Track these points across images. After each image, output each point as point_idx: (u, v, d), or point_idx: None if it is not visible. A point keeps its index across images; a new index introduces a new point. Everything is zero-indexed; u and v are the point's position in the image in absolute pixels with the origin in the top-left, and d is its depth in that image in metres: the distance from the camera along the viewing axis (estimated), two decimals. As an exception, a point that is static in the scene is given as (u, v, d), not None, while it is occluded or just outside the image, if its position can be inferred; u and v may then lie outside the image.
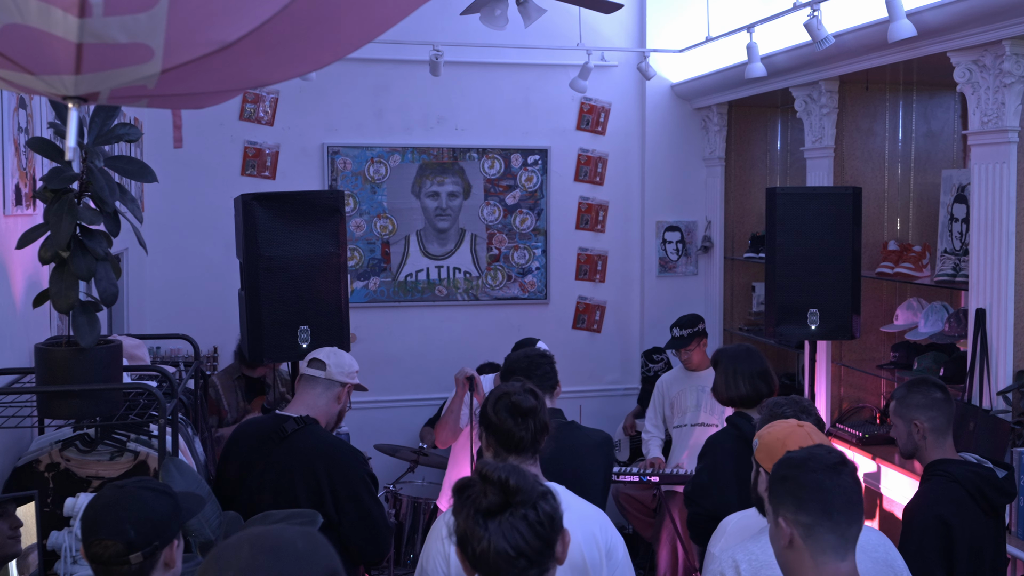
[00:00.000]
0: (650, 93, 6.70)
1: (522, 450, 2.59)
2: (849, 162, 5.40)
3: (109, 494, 2.05)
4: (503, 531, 1.71)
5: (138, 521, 1.99)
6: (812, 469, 2.03)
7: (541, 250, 6.71)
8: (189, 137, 5.62)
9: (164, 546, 2.02)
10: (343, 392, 3.47)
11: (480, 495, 1.73)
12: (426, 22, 5.71)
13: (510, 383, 2.73)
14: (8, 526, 2.27)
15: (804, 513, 2.01)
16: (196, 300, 6.10)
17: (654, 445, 5.66)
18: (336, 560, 1.38)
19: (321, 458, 3.28)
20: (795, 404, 3.06)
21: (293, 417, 3.35)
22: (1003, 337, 4.04)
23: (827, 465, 2.04)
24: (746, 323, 6.64)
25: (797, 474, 2.04)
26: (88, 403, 2.44)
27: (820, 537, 1.99)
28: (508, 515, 1.72)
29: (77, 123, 1.57)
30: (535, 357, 3.61)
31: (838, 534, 2.00)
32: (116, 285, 2.44)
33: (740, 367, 3.97)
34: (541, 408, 2.63)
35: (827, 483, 2.01)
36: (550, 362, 3.62)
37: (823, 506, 1.99)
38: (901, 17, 4.02)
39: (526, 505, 1.73)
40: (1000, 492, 3.06)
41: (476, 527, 1.72)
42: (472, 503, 1.74)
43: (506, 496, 1.72)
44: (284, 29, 1.36)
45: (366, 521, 3.32)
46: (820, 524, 1.99)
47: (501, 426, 2.60)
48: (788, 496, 2.04)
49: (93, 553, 1.99)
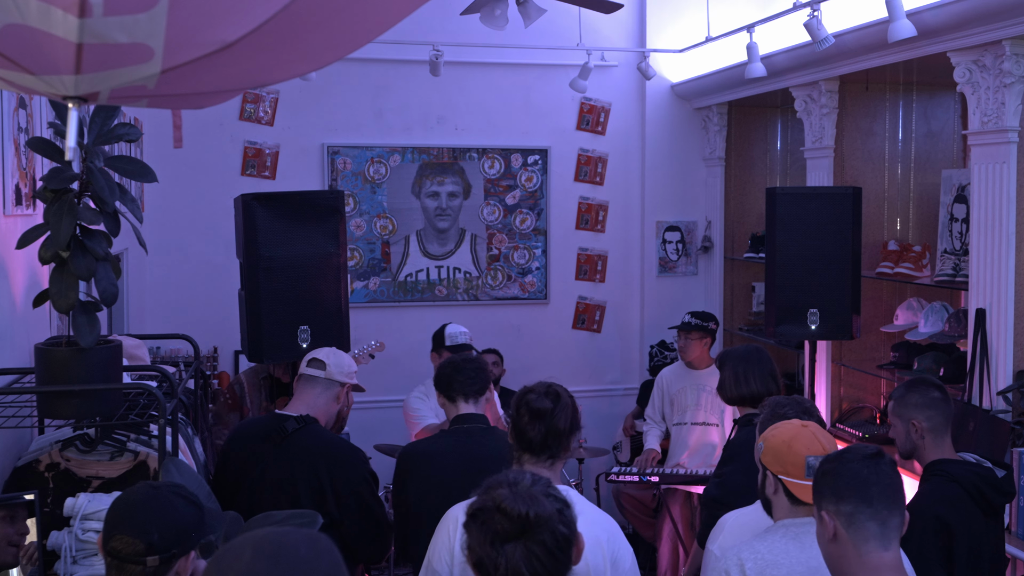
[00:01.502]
0: (650, 93, 6.70)
1: (534, 451, 2.59)
2: (849, 162, 5.40)
3: (142, 492, 2.05)
4: (519, 555, 1.72)
5: (163, 525, 1.98)
6: (849, 460, 2.08)
7: (541, 250, 6.71)
8: (189, 137, 5.62)
9: (181, 555, 2.01)
10: (342, 392, 3.47)
11: (498, 522, 1.73)
12: (426, 22, 5.71)
13: (540, 382, 2.71)
14: (15, 532, 2.27)
15: (844, 503, 2.04)
16: (196, 300, 6.10)
17: (652, 436, 5.66)
18: (340, 567, 1.37)
19: (323, 457, 3.29)
20: (797, 404, 3.05)
21: (293, 416, 3.35)
22: (1003, 337, 4.04)
23: (864, 455, 2.09)
24: (746, 323, 6.64)
25: (836, 466, 2.09)
26: (88, 403, 2.44)
27: (862, 525, 2.02)
28: (524, 540, 1.72)
29: (77, 123, 1.57)
30: (459, 363, 3.52)
31: (879, 521, 2.03)
32: (116, 285, 2.44)
33: (752, 366, 3.98)
34: (559, 411, 2.59)
35: (864, 471, 2.05)
36: (476, 367, 3.52)
37: (862, 494, 2.03)
38: (901, 17, 4.02)
39: (543, 531, 1.73)
40: (999, 492, 3.06)
41: (492, 551, 1.72)
42: (488, 529, 1.74)
43: (524, 527, 1.73)
44: (284, 29, 1.36)
45: (368, 519, 3.33)
46: (860, 512, 2.03)
47: (517, 423, 2.61)
48: (828, 488, 2.08)
49: (112, 547, 1.98)
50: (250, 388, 5.29)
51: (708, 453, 5.40)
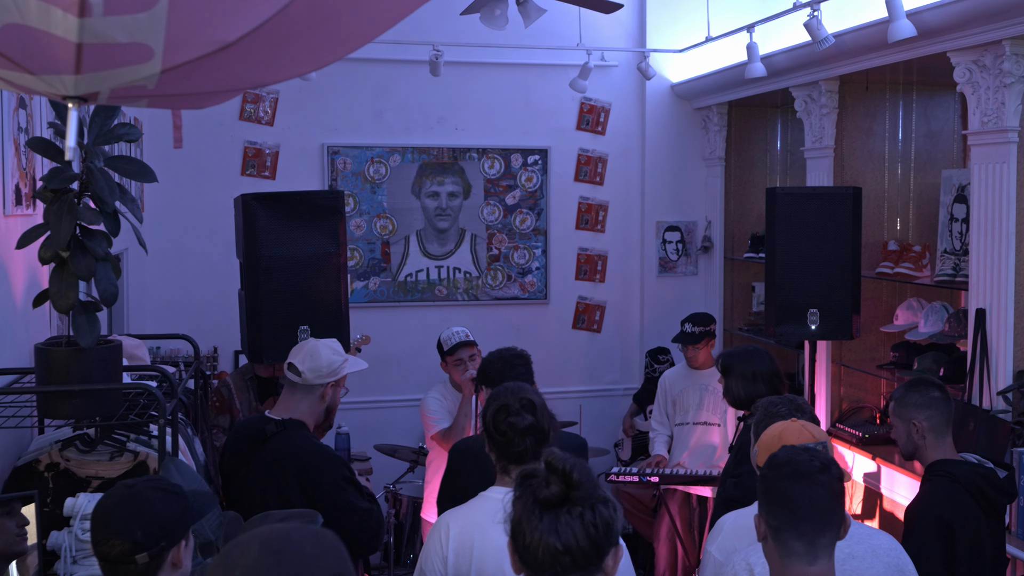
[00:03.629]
0: (650, 93, 6.70)
1: (523, 461, 2.58)
2: (849, 162, 5.40)
3: (118, 493, 2.06)
4: (556, 525, 1.71)
5: (145, 522, 2.00)
6: (785, 476, 2.05)
7: (541, 250, 6.71)
8: (189, 137, 5.62)
9: (171, 547, 2.03)
10: (326, 390, 3.43)
11: (542, 484, 1.73)
12: (426, 22, 5.70)
13: (508, 390, 2.70)
14: (15, 524, 2.28)
15: (772, 517, 2.05)
16: (196, 300, 6.10)
17: (659, 443, 5.62)
18: (346, 563, 1.38)
19: (293, 463, 3.24)
20: (790, 403, 3.04)
21: (275, 420, 3.34)
22: (1003, 337, 4.04)
23: (802, 473, 2.04)
24: (746, 323, 6.64)
25: (772, 477, 2.08)
26: (88, 403, 2.44)
27: (785, 542, 2.03)
28: (565, 511, 1.71)
29: (77, 123, 1.57)
30: (510, 358, 3.58)
31: (805, 541, 2.02)
32: (116, 285, 2.44)
33: (757, 368, 4.00)
34: (540, 419, 2.60)
35: (793, 492, 2.02)
36: (525, 363, 3.59)
37: (788, 515, 2.02)
38: (901, 17, 4.02)
39: (584, 504, 1.72)
40: (1001, 492, 3.06)
41: (531, 517, 1.72)
42: (532, 492, 1.73)
43: (567, 488, 1.72)
44: (284, 29, 1.36)
45: (349, 514, 3.26)
46: (785, 531, 2.03)
47: (500, 442, 2.60)
48: (762, 496, 2.10)
49: (101, 552, 2.00)
50: (237, 390, 5.29)
51: (709, 453, 5.39)
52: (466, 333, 4.87)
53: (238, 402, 5.26)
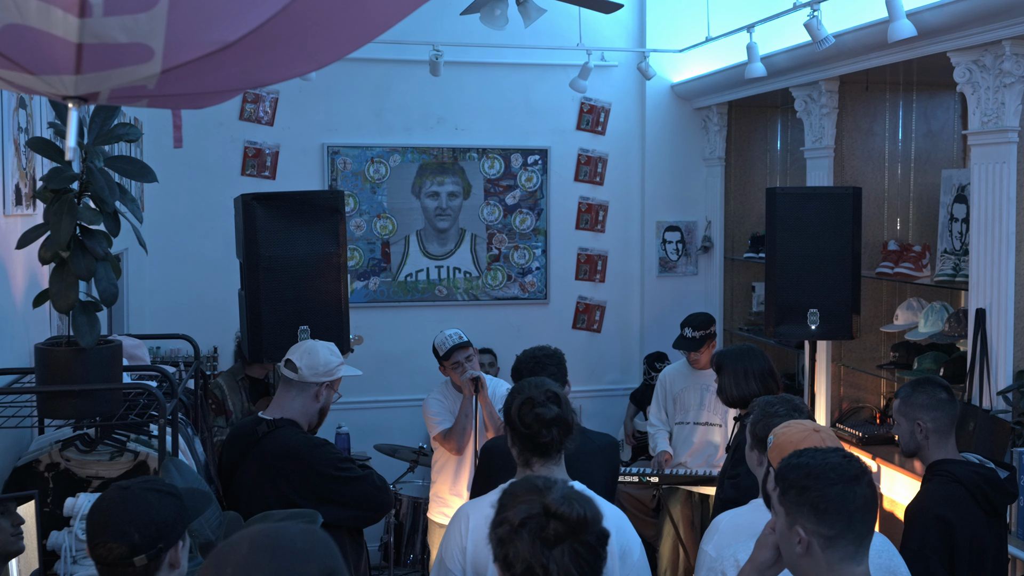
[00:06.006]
0: (650, 93, 6.70)
1: (547, 454, 2.63)
2: (849, 162, 5.40)
3: (114, 496, 2.05)
4: (567, 558, 1.75)
5: (142, 524, 1.99)
6: (834, 481, 1.98)
7: (541, 250, 6.71)
8: (189, 137, 5.59)
9: (169, 548, 2.02)
10: (320, 390, 3.43)
11: (543, 527, 1.76)
12: (426, 22, 5.71)
13: (531, 383, 2.73)
14: (11, 524, 2.27)
15: (826, 526, 1.97)
16: (196, 300, 6.10)
17: (661, 439, 5.54)
18: (336, 560, 1.39)
19: (287, 458, 3.26)
20: (787, 403, 3.02)
21: (266, 420, 3.34)
22: (1003, 337, 4.04)
23: (849, 476, 2.00)
24: (746, 323, 6.64)
25: (819, 486, 1.98)
26: (88, 403, 2.44)
27: (841, 548, 1.97)
28: (570, 541, 1.75)
29: (77, 123, 1.57)
30: (542, 357, 3.64)
31: (857, 543, 1.98)
32: (116, 285, 2.43)
33: (750, 366, 4.00)
34: (565, 412, 2.66)
35: (849, 495, 1.98)
36: (558, 362, 3.65)
37: (847, 521, 1.96)
38: (901, 17, 4.02)
39: (590, 530, 1.76)
40: (1002, 493, 3.06)
41: (541, 557, 1.74)
42: (540, 535, 1.76)
43: (576, 528, 1.75)
44: (284, 29, 1.36)
45: (354, 484, 3.30)
46: (842, 536, 1.97)
47: (526, 431, 2.63)
48: (808, 507, 1.98)
49: (98, 555, 2.00)
50: (230, 391, 5.30)
51: (711, 453, 5.38)
52: (459, 335, 4.76)
53: (231, 403, 5.28)
